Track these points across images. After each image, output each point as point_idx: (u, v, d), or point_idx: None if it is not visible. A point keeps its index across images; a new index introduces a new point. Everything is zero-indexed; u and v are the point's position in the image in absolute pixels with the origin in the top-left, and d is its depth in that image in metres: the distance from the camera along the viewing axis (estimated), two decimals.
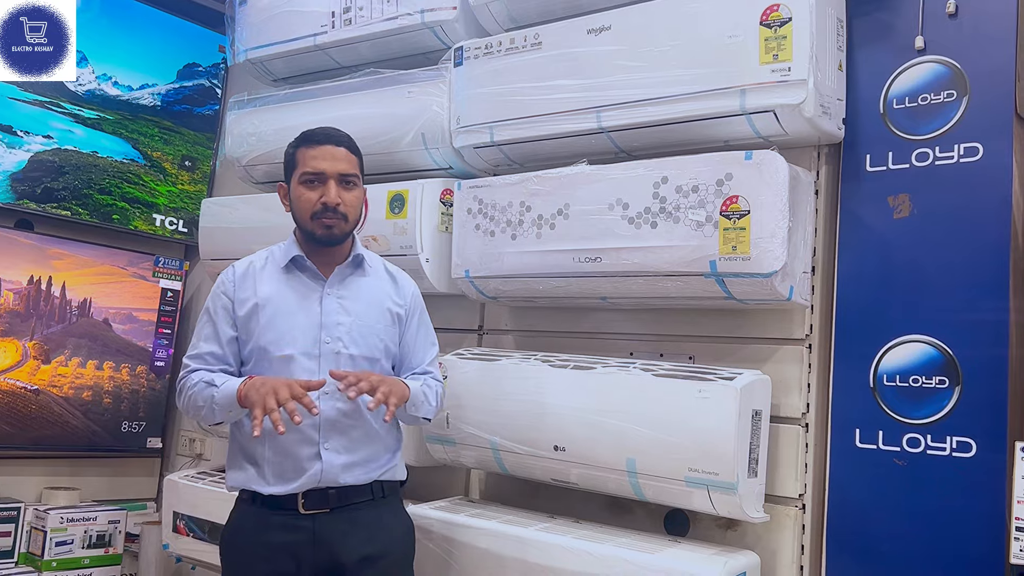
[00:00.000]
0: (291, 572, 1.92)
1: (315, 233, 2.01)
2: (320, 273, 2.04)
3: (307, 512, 1.93)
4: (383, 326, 2.06)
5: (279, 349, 1.95)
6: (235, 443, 2.03)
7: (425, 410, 2.06)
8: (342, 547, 1.93)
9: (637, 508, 2.30)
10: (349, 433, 1.97)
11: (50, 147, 3.42)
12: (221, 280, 2.06)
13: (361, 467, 1.98)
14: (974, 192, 1.96)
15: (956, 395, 1.94)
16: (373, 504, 2.00)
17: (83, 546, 3.15)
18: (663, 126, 2.18)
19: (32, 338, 3.30)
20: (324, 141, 2.03)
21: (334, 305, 2.01)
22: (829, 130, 2.08)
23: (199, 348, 2.02)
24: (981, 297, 1.93)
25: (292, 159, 2.06)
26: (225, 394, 1.89)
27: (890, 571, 1.97)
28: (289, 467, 1.93)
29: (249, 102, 3.11)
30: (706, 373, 2.03)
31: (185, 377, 2.00)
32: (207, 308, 2.05)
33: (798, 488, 2.10)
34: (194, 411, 1.98)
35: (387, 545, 1.99)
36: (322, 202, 1.98)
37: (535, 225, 2.30)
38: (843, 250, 2.13)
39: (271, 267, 2.05)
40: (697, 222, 2.02)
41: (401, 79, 2.68)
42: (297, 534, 1.92)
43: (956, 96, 2.00)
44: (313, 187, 2.00)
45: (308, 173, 2.00)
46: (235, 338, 2.00)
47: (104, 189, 3.56)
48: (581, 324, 2.50)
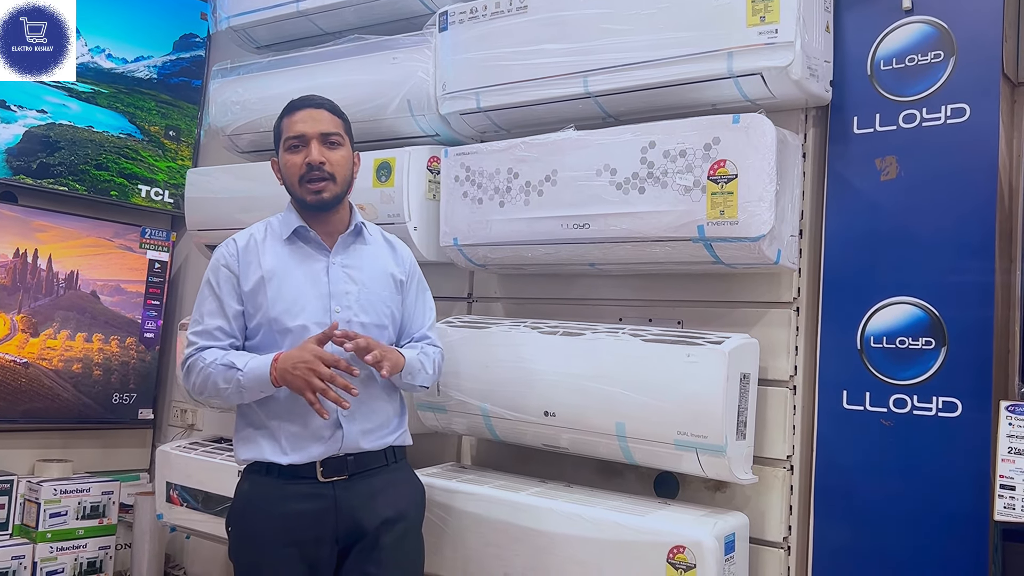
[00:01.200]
0: (310, 540, 1.94)
1: (305, 200, 2.01)
2: (323, 243, 2.04)
3: (326, 480, 1.95)
4: (388, 293, 2.07)
5: (291, 320, 1.95)
6: (246, 417, 2.02)
7: (422, 379, 2.07)
8: (364, 512, 1.96)
9: (627, 472, 2.32)
10: (366, 401, 1.99)
11: (44, 121, 3.37)
12: (221, 254, 2.04)
13: (376, 433, 2.01)
14: (961, 153, 1.96)
15: (942, 356, 1.95)
16: (387, 469, 2.03)
17: (77, 517, 3.17)
18: (650, 90, 2.16)
19: (20, 311, 3.28)
20: (303, 105, 2.04)
21: (340, 274, 2.01)
22: (817, 92, 2.07)
23: (205, 324, 1.99)
24: (967, 258, 1.94)
25: (278, 130, 2.07)
26: (255, 377, 1.89)
27: (877, 530, 2.00)
28: (307, 437, 1.94)
29: (232, 70, 3.07)
30: (694, 337, 2.03)
31: (195, 356, 1.97)
32: (208, 282, 2.03)
33: (786, 450, 2.12)
34: (212, 391, 1.95)
35: (404, 508, 2.03)
36: (306, 162, 1.98)
37: (523, 192, 2.29)
38: (830, 213, 2.13)
39: (272, 239, 2.05)
40: (685, 187, 2.02)
41: (386, 45, 2.65)
42: (318, 502, 1.94)
43: (943, 57, 2.00)
44: (297, 151, 2.01)
45: (291, 138, 2.01)
46: (241, 312, 1.99)
47: (101, 165, 3.52)
48: (570, 291, 2.51)
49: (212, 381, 1.93)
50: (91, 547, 3.19)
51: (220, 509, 2.68)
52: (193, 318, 2.03)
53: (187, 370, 1.99)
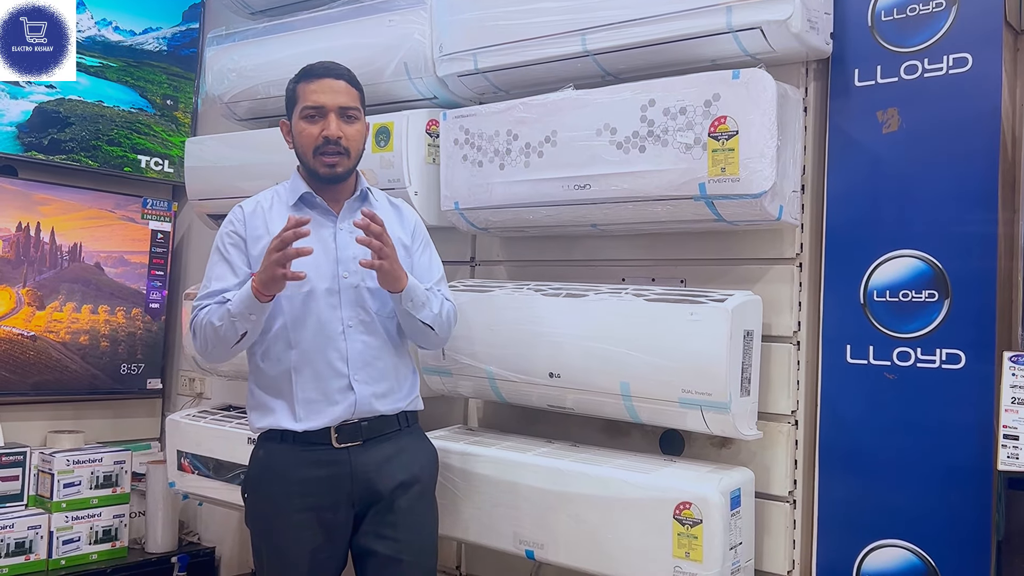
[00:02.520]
0: (326, 505, 1.96)
1: (317, 171, 2.01)
2: (330, 208, 2.04)
3: (341, 446, 1.97)
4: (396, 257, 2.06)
5: (299, 285, 1.94)
6: (258, 385, 2.03)
7: (425, 313, 2.01)
8: (379, 476, 1.98)
9: (633, 430, 2.33)
10: (375, 364, 2.00)
11: (54, 96, 3.35)
12: (229, 220, 2.05)
13: (389, 397, 2.02)
14: (963, 104, 1.94)
15: (945, 308, 1.95)
16: (400, 434, 2.05)
17: (91, 487, 3.20)
18: (649, 47, 2.14)
19: (25, 285, 3.30)
20: (324, 74, 2.01)
21: (348, 239, 2.01)
22: (817, 45, 2.04)
23: (211, 287, 2.00)
24: (970, 210, 1.93)
25: (293, 94, 2.05)
26: (240, 299, 1.88)
27: (882, 482, 2.02)
28: (321, 401, 1.96)
29: (227, 37, 3.04)
30: (697, 296, 2.04)
31: (196, 314, 1.99)
32: (217, 248, 2.04)
33: (790, 405, 2.13)
34: (213, 336, 1.93)
35: (418, 471, 2.05)
36: (323, 135, 1.98)
37: (523, 154, 2.28)
38: (832, 167, 2.12)
39: (279, 205, 2.05)
40: (685, 144, 2.01)
41: (381, 7, 2.62)
42: (334, 467, 1.96)
43: (945, 5, 1.97)
44: (314, 121, 1.99)
45: (308, 107, 1.99)
46: (250, 275, 1.98)
47: (113, 140, 3.50)
48: (572, 252, 2.50)
49: (209, 324, 1.93)
50: (105, 516, 3.23)
51: (231, 476, 2.71)
52: (202, 284, 2.04)
53: (193, 330, 2.00)
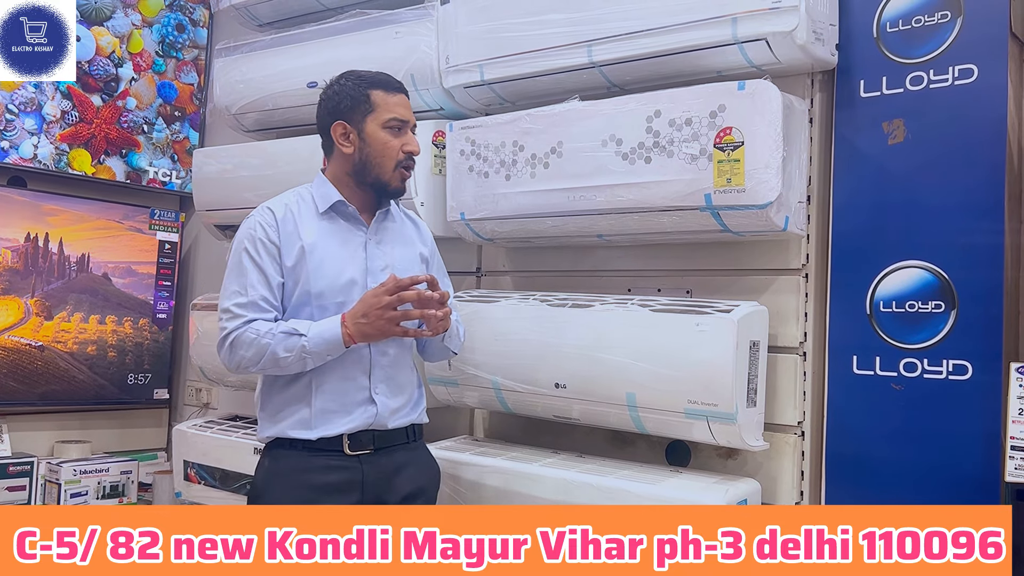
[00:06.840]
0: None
1: (389, 184, 2.00)
2: (362, 219, 2.03)
3: (353, 453, 1.96)
4: (418, 270, 2.07)
5: (333, 296, 1.94)
6: (273, 392, 1.99)
7: (455, 343, 2.12)
8: (389, 486, 1.98)
9: (639, 440, 2.33)
10: (396, 378, 2.01)
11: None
12: (258, 224, 1.97)
13: (403, 410, 2.03)
14: (969, 115, 1.94)
15: (952, 319, 1.95)
16: (407, 447, 2.04)
17: (98, 497, 3.21)
18: (655, 58, 2.15)
19: (33, 295, 3.31)
20: (400, 89, 2.03)
21: (376, 251, 2.02)
22: (822, 56, 2.05)
23: (250, 295, 1.91)
24: (976, 220, 1.93)
25: (366, 100, 1.98)
26: (323, 341, 1.87)
27: (889, 494, 2.01)
28: (339, 412, 1.94)
29: (235, 49, 3.06)
30: (703, 306, 2.04)
31: (242, 329, 1.89)
32: (247, 252, 1.94)
33: (797, 416, 2.12)
34: (270, 362, 1.88)
35: (424, 484, 2.06)
36: (406, 150, 1.98)
37: (529, 164, 2.28)
38: (838, 178, 2.12)
39: (307, 211, 2.01)
40: (691, 155, 2.01)
41: (388, 19, 2.64)
42: (345, 474, 1.94)
43: (950, 17, 1.97)
44: (398, 134, 1.99)
45: (396, 119, 1.98)
46: (282, 284, 1.95)
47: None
48: (579, 263, 2.51)
49: (271, 351, 1.87)
50: None
51: (237, 486, 2.71)
52: (231, 290, 1.93)
53: (232, 344, 1.90)
